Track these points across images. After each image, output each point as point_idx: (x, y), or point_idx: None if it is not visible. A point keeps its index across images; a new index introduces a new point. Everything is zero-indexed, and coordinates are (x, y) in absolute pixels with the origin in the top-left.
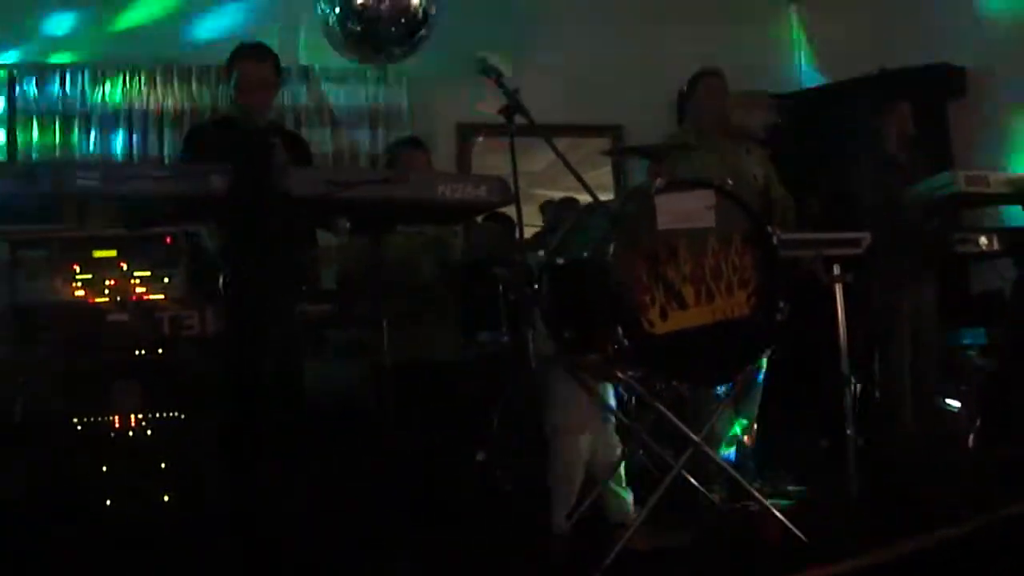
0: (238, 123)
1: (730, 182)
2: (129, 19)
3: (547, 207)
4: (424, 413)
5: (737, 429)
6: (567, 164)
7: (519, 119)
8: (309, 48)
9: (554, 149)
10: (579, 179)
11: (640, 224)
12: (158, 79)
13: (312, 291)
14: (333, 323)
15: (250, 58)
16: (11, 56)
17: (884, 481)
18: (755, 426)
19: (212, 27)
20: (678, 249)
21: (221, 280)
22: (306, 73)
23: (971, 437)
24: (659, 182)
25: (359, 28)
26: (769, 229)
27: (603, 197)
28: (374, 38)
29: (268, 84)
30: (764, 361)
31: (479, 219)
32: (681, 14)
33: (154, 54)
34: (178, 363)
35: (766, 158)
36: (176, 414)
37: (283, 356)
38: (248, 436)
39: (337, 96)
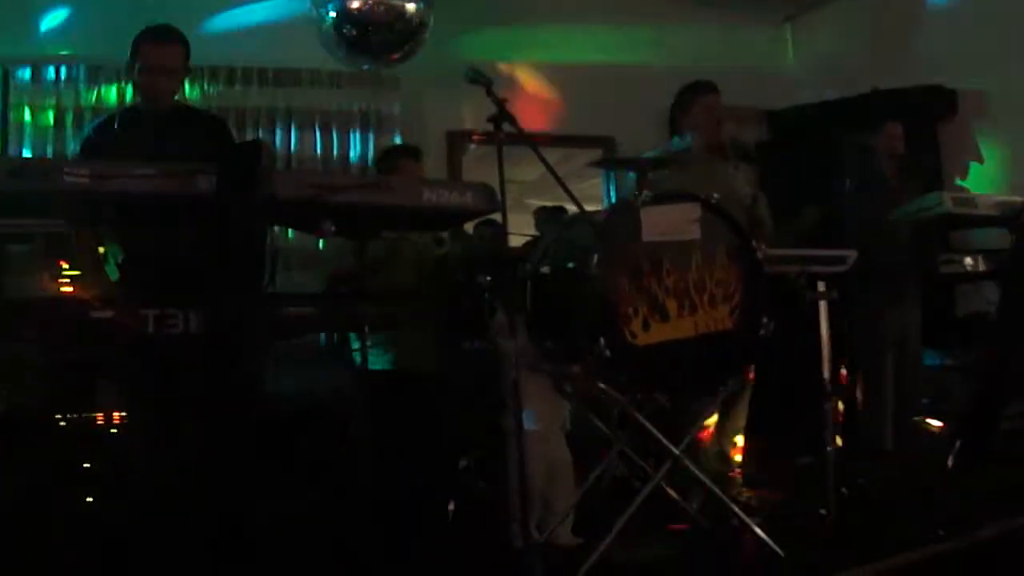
0: (140, 111)
1: (716, 196)
2: (127, 16)
3: (540, 213)
4: (407, 419)
5: (722, 443)
6: (553, 173)
7: (509, 128)
8: (304, 51)
9: (541, 158)
10: (565, 189)
11: (625, 236)
12: None
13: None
14: (315, 327)
15: (152, 41)
16: (6, 49)
17: (863, 499)
18: (740, 439)
19: (210, 28)
20: (662, 262)
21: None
22: (298, 76)
23: (950, 457)
24: (645, 194)
25: (354, 33)
26: (754, 244)
27: (592, 208)
28: (369, 43)
29: (172, 69)
30: (752, 376)
31: (472, 225)
32: (675, 27)
33: None
34: (163, 361)
35: (754, 176)
36: (160, 412)
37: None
38: (227, 438)
39: (329, 100)
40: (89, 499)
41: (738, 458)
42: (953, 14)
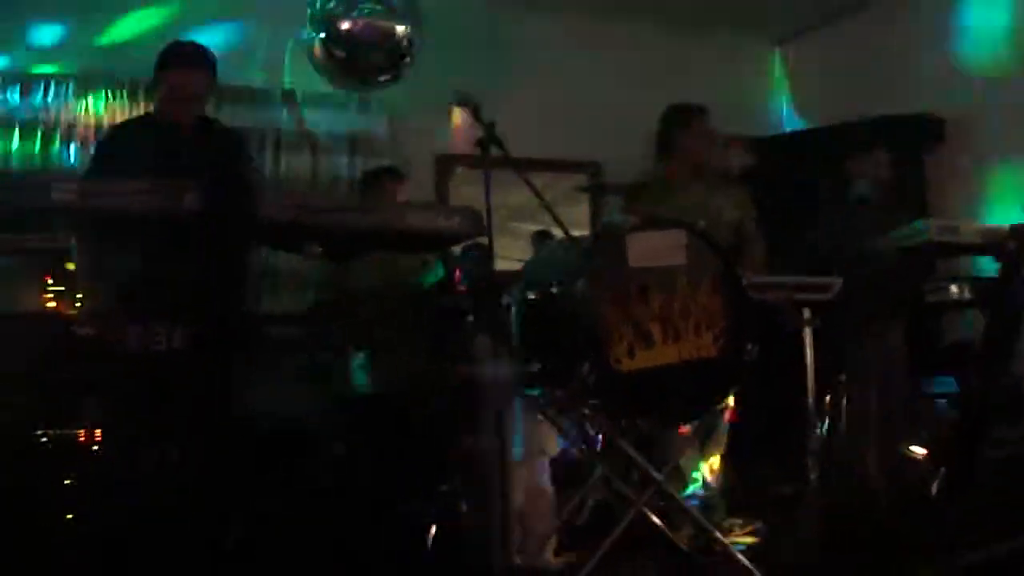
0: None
1: (702, 223)
2: (114, 34)
3: (537, 238)
4: (388, 443)
5: (704, 469)
6: (539, 197)
7: (496, 152)
8: (292, 72)
9: (527, 182)
10: (551, 213)
11: (611, 261)
12: (141, 94)
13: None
14: (300, 348)
15: (180, 67)
16: None
17: (846, 527)
18: (721, 466)
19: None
20: (648, 288)
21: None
22: (288, 97)
23: (934, 485)
24: (631, 220)
25: (343, 54)
26: (739, 271)
27: (580, 233)
28: (358, 64)
29: (199, 97)
30: (730, 401)
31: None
32: (662, 52)
33: (138, 69)
34: (145, 378)
35: (745, 200)
36: (143, 430)
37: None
38: (208, 456)
39: (317, 122)
40: (70, 516)
41: (714, 485)
42: (941, 42)
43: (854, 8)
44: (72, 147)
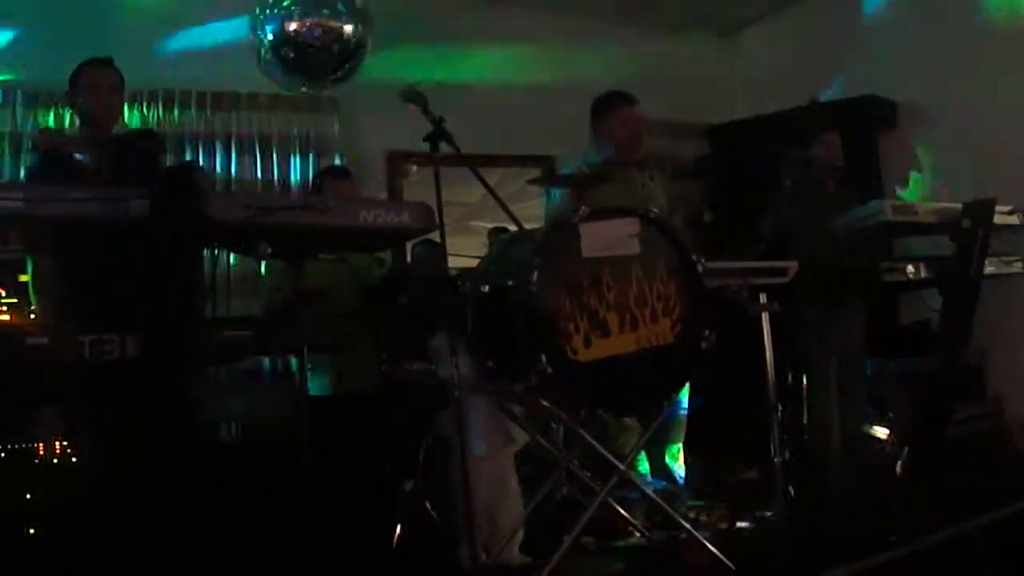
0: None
1: (656, 210)
2: (65, 41)
3: (494, 234)
4: (349, 443)
5: (667, 458)
6: (491, 192)
7: (447, 148)
8: (242, 74)
9: (479, 177)
10: (503, 207)
11: (564, 252)
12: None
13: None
14: (252, 351)
15: (95, 65)
16: None
17: (812, 509)
18: (682, 453)
19: (149, 52)
20: (602, 277)
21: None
22: (238, 99)
23: (899, 465)
24: (583, 210)
25: (292, 55)
26: (694, 257)
27: (534, 227)
28: (307, 65)
29: (115, 89)
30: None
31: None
32: (614, 45)
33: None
34: (99, 388)
35: (668, 184)
36: (98, 440)
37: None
38: (165, 464)
39: (268, 123)
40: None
41: (679, 469)
42: (891, 27)
43: None
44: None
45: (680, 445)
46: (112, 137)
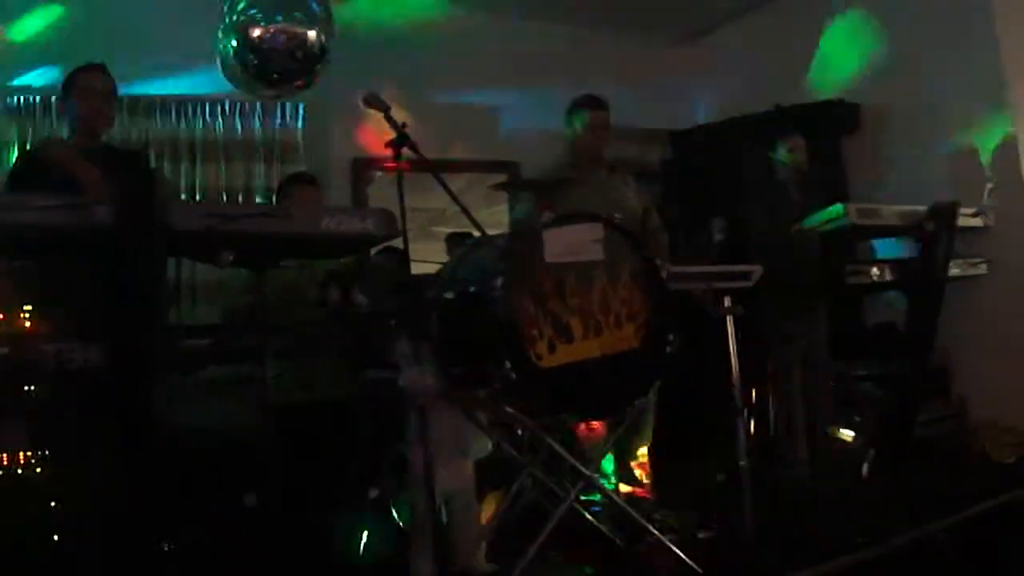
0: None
1: (618, 216)
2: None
3: (452, 239)
4: (313, 451)
5: (633, 463)
6: (453, 197)
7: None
8: (206, 81)
9: (441, 183)
10: (466, 213)
11: (528, 258)
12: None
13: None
14: (214, 359)
15: (90, 70)
16: None
17: (779, 512)
18: (648, 458)
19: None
20: (565, 283)
21: None
22: (202, 106)
23: (865, 467)
24: (547, 216)
25: (256, 61)
26: (658, 262)
27: (496, 232)
28: (271, 71)
29: (108, 95)
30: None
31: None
32: (578, 50)
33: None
34: (63, 397)
35: (643, 189)
36: (62, 450)
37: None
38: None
39: (232, 129)
40: None
41: (640, 474)
42: (854, 32)
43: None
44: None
45: (646, 449)
46: (102, 146)
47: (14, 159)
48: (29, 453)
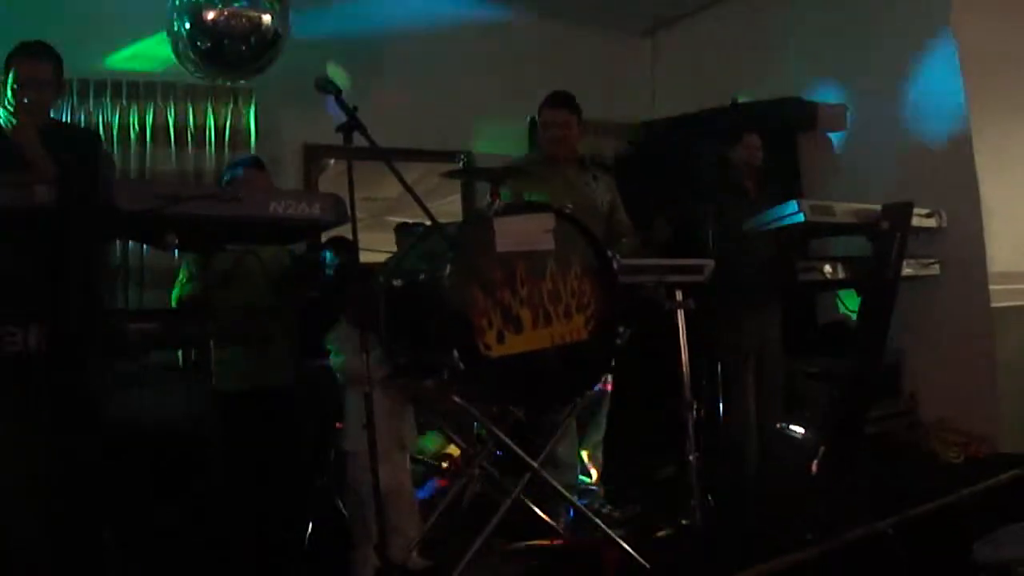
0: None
1: (570, 206)
2: None
3: (400, 229)
4: (260, 438)
5: (583, 455)
6: (404, 184)
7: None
8: (158, 63)
9: (392, 169)
10: (418, 201)
11: (478, 247)
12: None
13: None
14: (159, 344)
15: (24, 55)
16: None
17: (728, 507)
18: (600, 452)
19: (64, 39)
20: (516, 272)
21: None
22: (153, 88)
23: (814, 463)
24: (497, 205)
25: (209, 45)
26: (609, 254)
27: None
28: (224, 55)
29: (44, 82)
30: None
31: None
32: (535, 40)
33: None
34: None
35: (613, 185)
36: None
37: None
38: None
39: (183, 114)
40: None
41: (594, 472)
42: (812, 29)
43: None
44: None
45: (599, 442)
46: (49, 122)
47: None
48: None
